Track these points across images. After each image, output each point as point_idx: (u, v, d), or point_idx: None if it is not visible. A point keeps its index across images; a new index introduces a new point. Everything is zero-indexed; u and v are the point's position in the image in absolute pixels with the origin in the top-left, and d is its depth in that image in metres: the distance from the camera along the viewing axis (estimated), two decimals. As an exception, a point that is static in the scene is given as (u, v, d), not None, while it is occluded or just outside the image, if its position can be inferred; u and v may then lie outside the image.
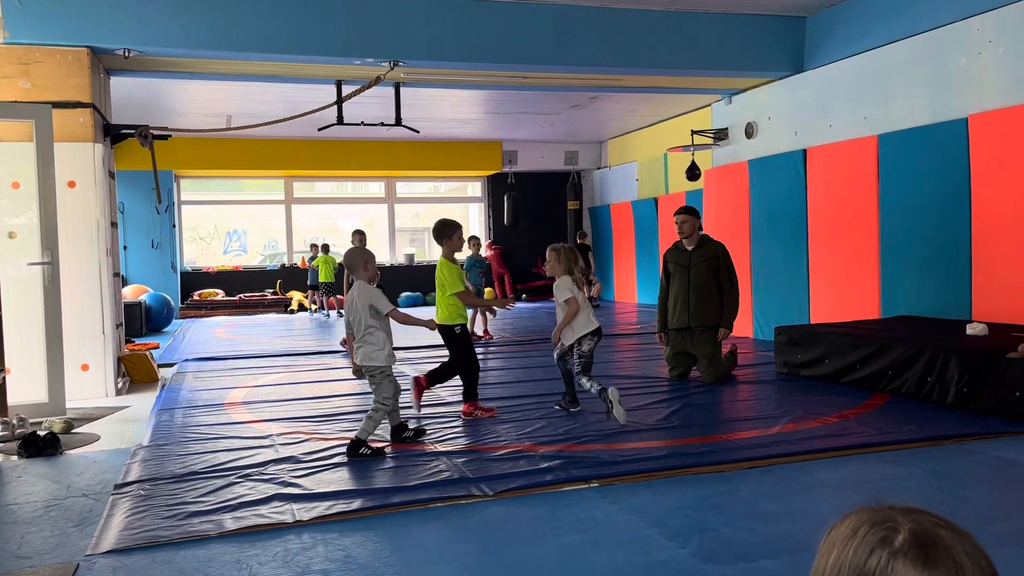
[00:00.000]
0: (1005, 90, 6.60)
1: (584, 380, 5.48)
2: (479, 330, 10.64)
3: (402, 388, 5.09)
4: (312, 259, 15.10)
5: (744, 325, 9.41)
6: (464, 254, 10.37)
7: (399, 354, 6.05)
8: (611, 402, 5.26)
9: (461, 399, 5.80)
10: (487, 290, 15.18)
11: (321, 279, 14.60)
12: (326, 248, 14.89)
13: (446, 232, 5.64)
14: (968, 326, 6.16)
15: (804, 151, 8.90)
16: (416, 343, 9.70)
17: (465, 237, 7.66)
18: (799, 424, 5.13)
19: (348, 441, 4.75)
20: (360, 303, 4.74)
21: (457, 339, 5.64)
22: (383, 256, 17.91)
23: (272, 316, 15.35)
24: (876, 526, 0.91)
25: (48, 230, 6.15)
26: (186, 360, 9.08)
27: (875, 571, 0.88)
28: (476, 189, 18.67)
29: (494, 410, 5.77)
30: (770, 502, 3.69)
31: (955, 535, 0.89)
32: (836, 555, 0.92)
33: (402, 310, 5.19)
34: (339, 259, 14.94)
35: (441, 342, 5.83)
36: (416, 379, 5.76)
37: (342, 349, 9.66)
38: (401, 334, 9.98)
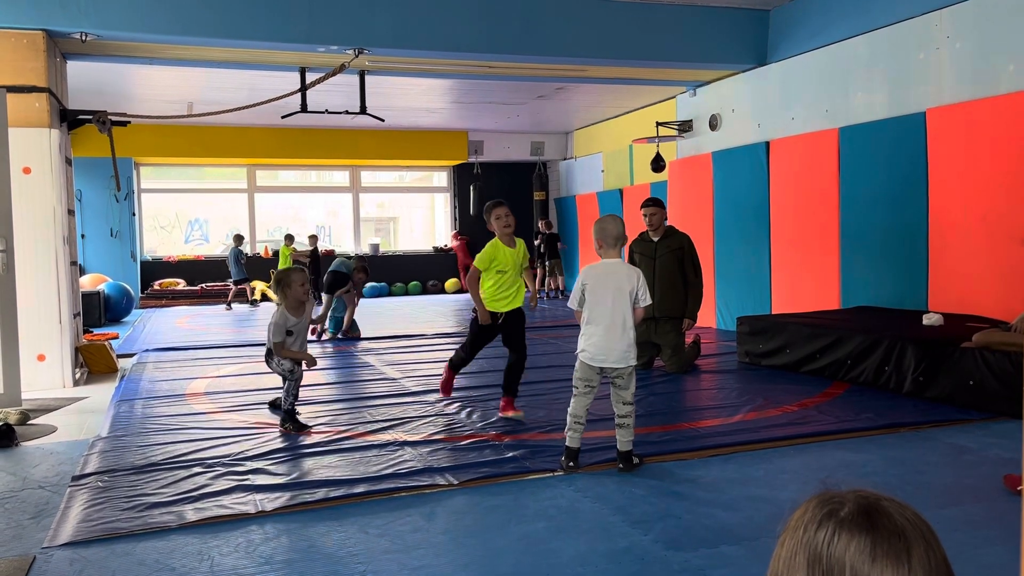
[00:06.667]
0: (962, 85, 6.73)
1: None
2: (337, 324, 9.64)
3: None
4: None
5: (707, 315, 9.50)
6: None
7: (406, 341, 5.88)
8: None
9: (438, 389, 6.01)
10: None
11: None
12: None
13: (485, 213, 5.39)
14: (924, 316, 6.29)
15: (767, 143, 8.99)
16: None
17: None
18: (760, 412, 5.21)
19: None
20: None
21: (471, 322, 5.56)
22: (347, 245, 17.79)
23: (234, 306, 15.17)
24: (824, 504, 0.96)
25: (2, 217, 6.00)
26: (146, 350, 8.94)
27: (824, 542, 0.92)
28: (442, 179, 18.59)
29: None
30: (731, 489, 3.74)
31: (897, 505, 0.95)
32: (790, 541, 0.96)
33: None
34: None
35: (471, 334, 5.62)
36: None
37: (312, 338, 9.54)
38: (407, 322, 9.89)
